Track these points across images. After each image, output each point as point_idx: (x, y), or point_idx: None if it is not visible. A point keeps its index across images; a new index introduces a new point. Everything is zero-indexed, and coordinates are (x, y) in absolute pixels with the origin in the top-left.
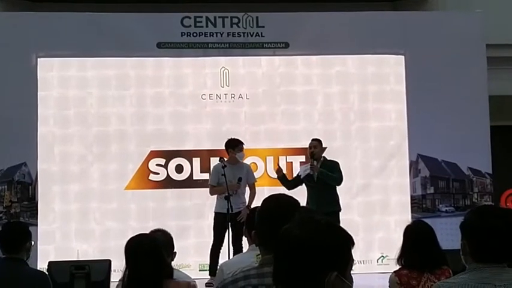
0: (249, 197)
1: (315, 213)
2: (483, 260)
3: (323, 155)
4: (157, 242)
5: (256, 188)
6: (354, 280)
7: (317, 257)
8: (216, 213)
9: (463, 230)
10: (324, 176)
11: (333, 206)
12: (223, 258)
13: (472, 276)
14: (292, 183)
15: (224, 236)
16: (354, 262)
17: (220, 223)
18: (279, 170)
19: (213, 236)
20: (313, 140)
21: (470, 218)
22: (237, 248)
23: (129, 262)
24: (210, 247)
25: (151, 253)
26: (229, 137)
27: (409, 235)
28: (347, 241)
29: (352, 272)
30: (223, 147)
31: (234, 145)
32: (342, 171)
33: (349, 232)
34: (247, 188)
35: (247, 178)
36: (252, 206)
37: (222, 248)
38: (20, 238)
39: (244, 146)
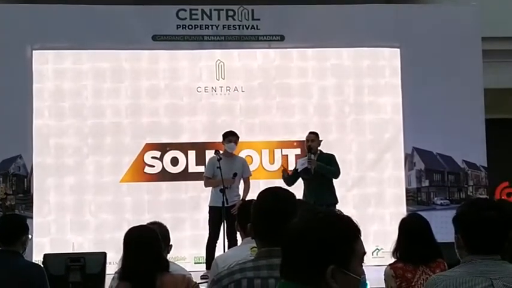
0: (244, 191)
1: (317, 207)
2: (478, 252)
3: (319, 148)
4: (157, 234)
5: (252, 181)
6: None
7: (314, 250)
8: (210, 207)
9: (456, 224)
10: (322, 169)
11: (331, 199)
12: (218, 251)
13: (467, 269)
14: (292, 180)
15: (220, 230)
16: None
17: (216, 217)
18: (285, 170)
19: (209, 230)
20: (310, 133)
21: (463, 211)
22: (232, 241)
23: (126, 253)
24: (206, 241)
25: (150, 245)
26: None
27: (404, 228)
28: (347, 233)
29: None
30: (219, 140)
31: (224, 137)
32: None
33: None
34: (241, 182)
35: (242, 172)
36: (247, 199)
37: (218, 241)
38: (16, 231)
39: (235, 138)
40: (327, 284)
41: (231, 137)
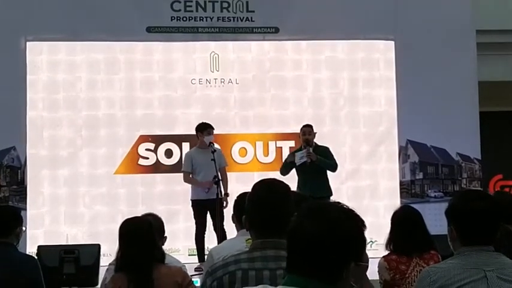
0: (223, 183)
1: (322, 203)
2: (471, 243)
3: (314, 140)
4: (151, 225)
5: (246, 173)
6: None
7: (334, 253)
8: (193, 201)
9: (449, 216)
10: (322, 163)
11: (325, 191)
12: (211, 244)
13: (461, 261)
14: (286, 170)
15: (206, 221)
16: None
17: (200, 209)
18: (292, 155)
19: (196, 224)
20: (306, 126)
21: (455, 203)
22: (221, 233)
23: (122, 245)
24: (194, 234)
25: (144, 236)
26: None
27: (396, 221)
28: (361, 229)
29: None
30: (214, 132)
31: (203, 128)
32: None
33: None
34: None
35: (218, 162)
36: (242, 191)
37: (209, 234)
38: (10, 222)
39: (213, 130)
40: (343, 280)
41: (209, 128)
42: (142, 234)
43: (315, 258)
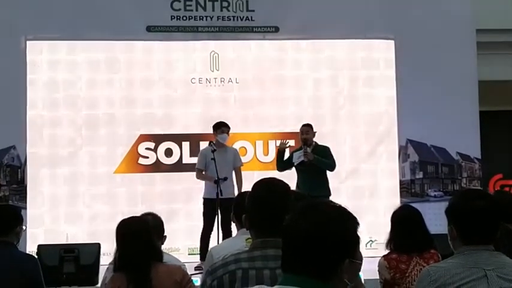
0: (237, 182)
1: (316, 201)
2: (471, 242)
3: (314, 140)
4: (148, 225)
5: (246, 172)
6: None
7: (329, 250)
8: (205, 199)
9: (449, 215)
10: (319, 162)
11: (324, 191)
12: (212, 243)
13: (461, 260)
14: (283, 166)
15: (214, 221)
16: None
17: (210, 208)
18: (283, 143)
19: (203, 222)
20: (304, 125)
21: (455, 202)
22: (226, 233)
23: (119, 244)
24: (201, 232)
25: (142, 236)
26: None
27: (396, 220)
28: (354, 226)
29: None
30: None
31: (217, 127)
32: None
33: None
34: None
35: (233, 162)
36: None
37: (212, 232)
38: (11, 221)
39: (227, 129)
40: (338, 277)
41: (223, 127)
42: (139, 234)
43: (310, 255)
